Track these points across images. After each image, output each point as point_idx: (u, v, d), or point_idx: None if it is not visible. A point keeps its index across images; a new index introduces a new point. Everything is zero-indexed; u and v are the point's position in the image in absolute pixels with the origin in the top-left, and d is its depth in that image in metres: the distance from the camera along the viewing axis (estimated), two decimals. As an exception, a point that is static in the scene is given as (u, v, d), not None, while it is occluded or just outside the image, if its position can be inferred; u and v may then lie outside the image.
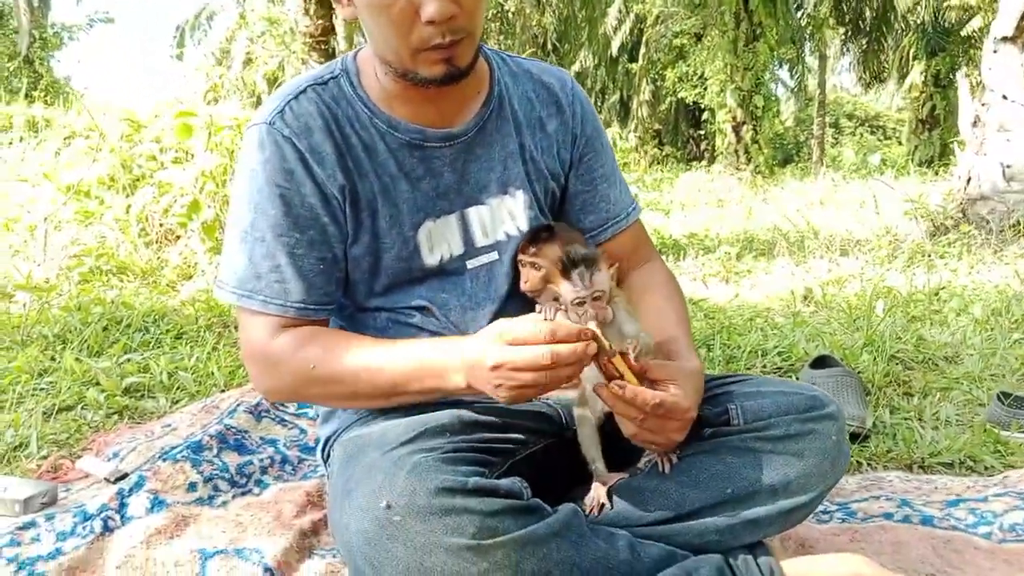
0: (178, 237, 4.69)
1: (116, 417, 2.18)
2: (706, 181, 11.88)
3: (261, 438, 1.93)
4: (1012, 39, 5.96)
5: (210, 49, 20.95)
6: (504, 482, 1.13)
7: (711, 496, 1.29)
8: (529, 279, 1.42)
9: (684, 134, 24.30)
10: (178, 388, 2.39)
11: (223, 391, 2.30)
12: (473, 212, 1.45)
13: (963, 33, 16.59)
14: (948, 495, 1.83)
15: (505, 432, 1.35)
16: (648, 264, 1.62)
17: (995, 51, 6.10)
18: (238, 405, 2.07)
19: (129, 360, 2.59)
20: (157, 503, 1.55)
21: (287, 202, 1.31)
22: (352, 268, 1.40)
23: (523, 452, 1.37)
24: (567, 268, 1.21)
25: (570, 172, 1.56)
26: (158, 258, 4.62)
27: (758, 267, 5.17)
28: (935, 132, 19.03)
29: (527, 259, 1.42)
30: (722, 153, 16.46)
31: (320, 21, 12.36)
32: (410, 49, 1.23)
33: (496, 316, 1.44)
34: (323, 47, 12.00)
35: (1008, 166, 5.93)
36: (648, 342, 1.30)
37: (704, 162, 20.22)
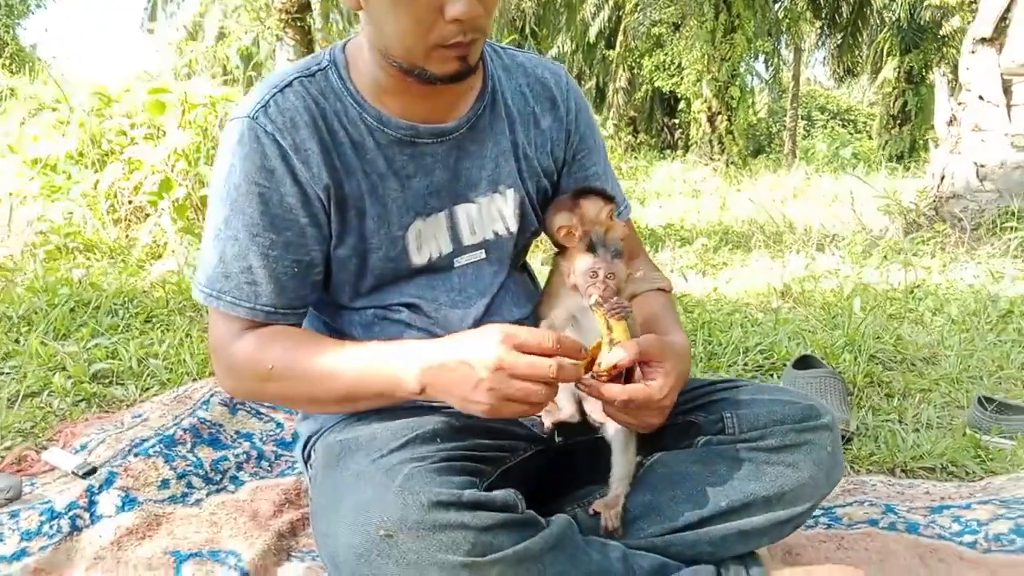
0: (147, 215, 4.58)
1: (84, 405, 2.10)
2: (682, 171, 11.88)
3: (236, 432, 1.87)
4: (990, 40, 5.99)
5: (182, 22, 20.47)
6: (499, 494, 1.09)
7: (706, 509, 1.26)
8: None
9: (659, 122, 24.30)
10: (148, 375, 2.31)
11: (195, 380, 2.23)
12: (461, 210, 1.40)
13: (941, 33, 16.75)
14: (931, 500, 1.83)
15: (496, 438, 1.31)
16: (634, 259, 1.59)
17: (973, 51, 6.14)
18: (212, 395, 2.00)
19: (97, 344, 2.50)
20: (128, 501, 1.49)
21: (265, 201, 1.25)
22: (337, 269, 1.35)
23: (512, 460, 1.33)
24: (593, 244, 1.27)
25: (563, 170, 1.52)
26: (127, 236, 4.51)
27: (735, 259, 5.17)
28: (905, 128, 19.22)
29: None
30: (696, 143, 16.49)
31: (297, -3, 12.09)
32: (427, 46, 1.18)
33: (488, 310, 1.41)
34: (299, 23, 11.77)
35: (982, 166, 5.99)
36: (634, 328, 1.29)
37: (678, 151, 20.26)
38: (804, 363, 2.47)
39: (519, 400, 1.08)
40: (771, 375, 2.62)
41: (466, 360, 1.10)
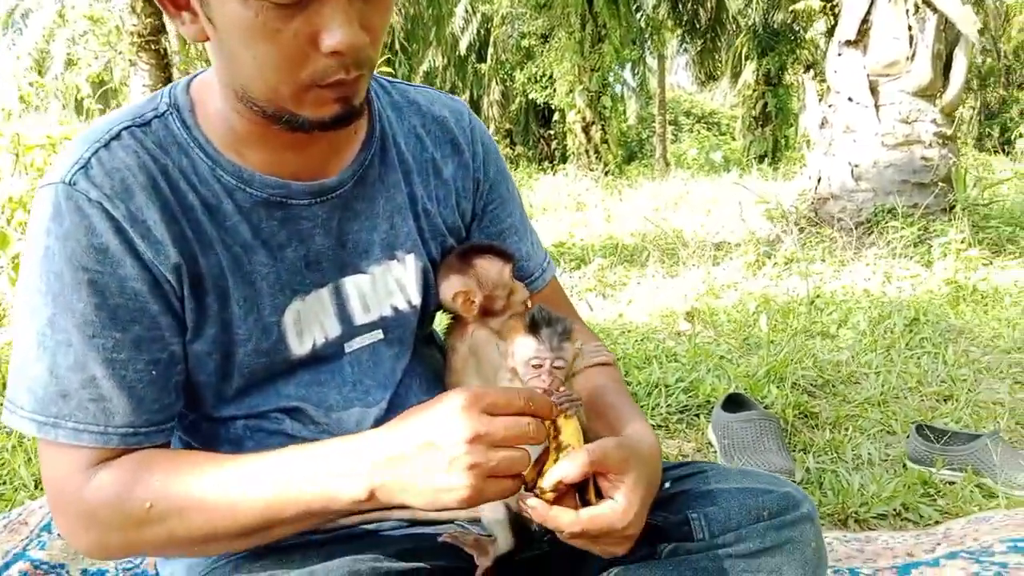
0: (-19, 276, 4.03)
1: None
2: (565, 184, 11.88)
3: (83, 572, 1.50)
4: (855, 43, 6.14)
5: (26, 50, 18.89)
6: None
7: None
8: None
9: (535, 134, 24.37)
10: (-25, 491, 1.90)
11: (32, 496, 1.83)
12: (350, 283, 1.11)
13: (800, 36, 17.50)
14: (895, 557, 1.67)
15: None
16: None
17: (839, 54, 6.28)
18: (50, 520, 1.62)
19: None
20: None
21: (99, 291, 0.92)
22: (195, 369, 1.03)
23: None
24: (536, 324, 1.01)
25: (472, 224, 1.26)
26: (-42, 301, 3.95)
27: (630, 277, 5.05)
28: (767, 128, 20.02)
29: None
30: (574, 153, 16.62)
31: (149, 19, 11.39)
32: (297, 86, 0.89)
33: (391, 405, 1.12)
34: (153, 47, 11.08)
35: (856, 165, 6.12)
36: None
37: (556, 161, 20.42)
38: (732, 402, 2.31)
39: (503, 473, 0.85)
40: (698, 415, 2.44)
41: (428, 441, 0.84)
